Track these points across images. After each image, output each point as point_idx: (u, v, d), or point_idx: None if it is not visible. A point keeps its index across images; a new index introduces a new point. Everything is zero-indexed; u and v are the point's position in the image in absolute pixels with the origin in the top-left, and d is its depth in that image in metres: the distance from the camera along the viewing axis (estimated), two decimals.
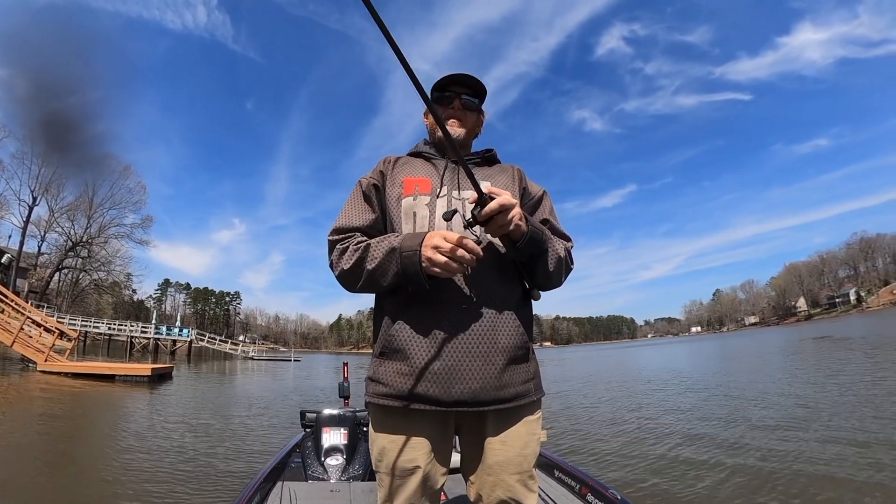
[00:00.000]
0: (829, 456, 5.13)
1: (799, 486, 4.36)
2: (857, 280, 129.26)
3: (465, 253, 1.15)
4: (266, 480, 2.72)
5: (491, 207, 1.14)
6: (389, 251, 1.22)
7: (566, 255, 1.40)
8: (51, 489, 4.69)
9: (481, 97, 1.52)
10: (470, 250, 1.16)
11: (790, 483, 4.44)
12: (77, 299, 53.85)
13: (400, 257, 1.20)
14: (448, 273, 1.17)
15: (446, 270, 1.16)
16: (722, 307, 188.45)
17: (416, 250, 1.18)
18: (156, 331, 46.20)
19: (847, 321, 73.34)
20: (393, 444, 1.26)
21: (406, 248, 1.20)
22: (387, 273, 1.23)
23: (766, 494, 4.23)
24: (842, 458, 5.04)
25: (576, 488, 2.57)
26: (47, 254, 50.08)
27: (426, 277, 1.19)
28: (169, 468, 5.48)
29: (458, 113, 1.47)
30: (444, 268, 1.15)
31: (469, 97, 1.48)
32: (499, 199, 1.15)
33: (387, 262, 1.23)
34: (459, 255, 1.15)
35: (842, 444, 5.53)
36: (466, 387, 1.20)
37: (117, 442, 7.15)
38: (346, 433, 3.40)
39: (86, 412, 10.68)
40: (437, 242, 1.16)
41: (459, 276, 1.25)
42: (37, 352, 18.80)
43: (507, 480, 1.26)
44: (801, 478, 4.55)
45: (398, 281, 1.23)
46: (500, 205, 1.14)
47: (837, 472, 4.63)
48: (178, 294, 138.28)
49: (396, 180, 1.41)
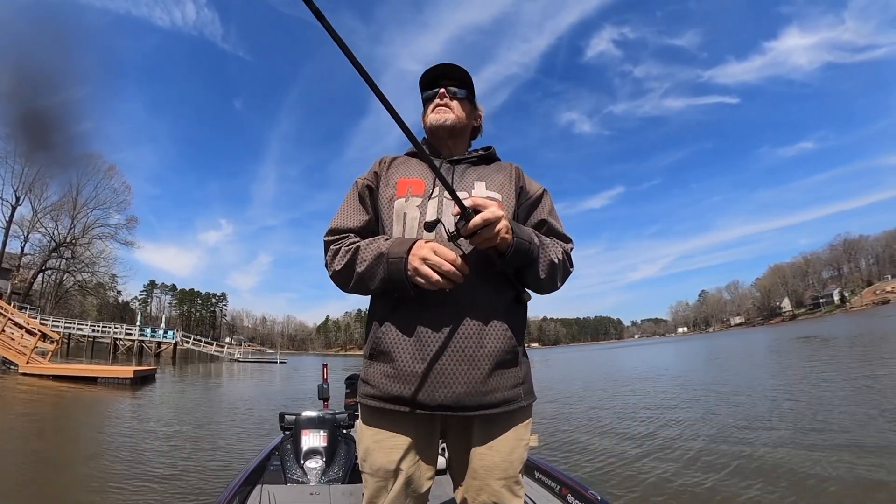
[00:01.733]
0: (817, 452, 5.18)
1: (780, 481, 4.41)
2: (841, 281, 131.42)
3: (453, 269, 1.14)
4: (245, 484, 2.68)
5: (474, 223, 1.11)
6: (377, 256, 1.22)
7: (564, 259, 1.37)
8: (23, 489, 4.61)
9: (468, 87, 1.48)
10: (459, 268, 1.14)
11: (773, 479, 4.49)
12: (61, 301, 53.14)
13: (387, 263, 1.19)
14: (432, 286, 1.15)
15: (430, 283, 1.15)
16: (708, 308, 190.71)
17: (403, 258, 1.17)
18: (140, 333, 45.64)
19: (831, 321, 74.45)
20: (377, 444, 1.26)
21: (393, 254, 1.19)
22: (374, 277, 1.23)
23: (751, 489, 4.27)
24: (826, 449, 5.11)
25: (556, 489, 2.56)
26: (31, 254, 49.39)
27: (411, 286, 1.18)
28: (146, 471, 5.41)
29: (443, 100, 1.44)
30: (429, 280, 1.14)
31: (455, 87, 1.46)
32: (482, 215, 1.12)
33: (374, 267, 1.22)
34: (447, 271, 1.13)
35: (827, 435, 5.63)
36: (450, 391, 1.19)
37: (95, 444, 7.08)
38: (325, 436, 3.35)
39: (65, 414, 10.59)
40: (426, 255, 1.15)
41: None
42: (18, 354, 18.57)
43: (493, 485, 1.25)
44: (783, 473, 4.60)
45: (385, 286, 1.23)
46: (484, 220, 1.12)
47: (825, 465, 4.69)
48: (163, 295, 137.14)
49: (390, 181, 1.40)
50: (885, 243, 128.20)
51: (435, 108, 1.44)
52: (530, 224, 1.42)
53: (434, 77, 1.46)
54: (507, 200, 1.38)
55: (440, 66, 1.44)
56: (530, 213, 1.44)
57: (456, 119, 1.44)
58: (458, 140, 1.49)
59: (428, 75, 1.45)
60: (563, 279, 1.41)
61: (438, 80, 1.46)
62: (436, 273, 1.14)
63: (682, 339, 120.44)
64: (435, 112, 1.44)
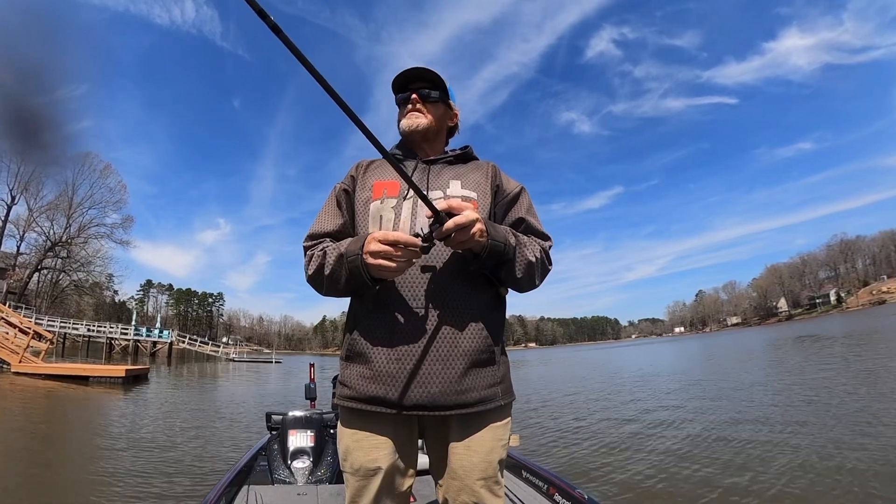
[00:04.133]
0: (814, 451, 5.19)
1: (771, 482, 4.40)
2: (837, 281, 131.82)
3: (399, 253, 1.14)
4: (231, 484, 2.68)
5: (447, 228, 1.12)
6: (338, 257, 1.24)
7: (542, 256, 1.37)
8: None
9: (441, 89, 1.47)
10: (406, 244, 1.14)
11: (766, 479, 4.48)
12: (57, 300, 52.95)
13: (346, 263, 1.21)
14: (392, 273, 1.16)
15: (388, 270, 1.15)
16: (704, 308, 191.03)
17: (359, 254, 1.18)
18: (136, 332, 45.57)
19: (828, 321, 74.74)
20: (356, 444, 1.27)
21: (350, 252, 1.21)
22: (340, 278, 1.25)
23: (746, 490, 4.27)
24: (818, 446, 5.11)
25: (543, 489, 2.57)
26: (26, 254, 49.17)
27: (371, 281, 1.19)
28: (131, 471, 5.37)
29: (416, 105, 1.44)
30: (388, 269, 1.15)
31: (428, 90, 1.45)
32: (455, 220, 1.12)
33: (338, 268, 1.24)
34: (397, 256, 1.13)
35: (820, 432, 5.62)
36: (425, 391, 1.20)
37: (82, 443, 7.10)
38: (312, 435, 3.36)
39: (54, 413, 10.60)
40: (374, 248, 1.15)
41: (422, 281, 1.25)
42: (11, 353, 18.59)
43: (473, 486, 1.26)
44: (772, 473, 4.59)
45: (351, 286, 1.25)
46: (457, 224, 1.12)
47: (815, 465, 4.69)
48: (160, 295, 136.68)
49: (367, 184, 1.42)
50: (882, 244, 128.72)
51: (407, 112, 1.45)
52: (508, 222, 1.42)
53: (405, 81, 1.46)
54: (482, 199, 1.39)
55: (411, 69, 1.44)
56: (508, 211, 1.44)
57: (428, 123, 1.45)
58: (433, 142, 1.50)
59: (399, 79, 1.46)
60: (542, 277, 1.40)
61: (410, 84, 1.46)
62: (388, 261, 1.14)
63: (678, 339, 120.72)
64: (407, 117, 1.45)
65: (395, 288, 1.25)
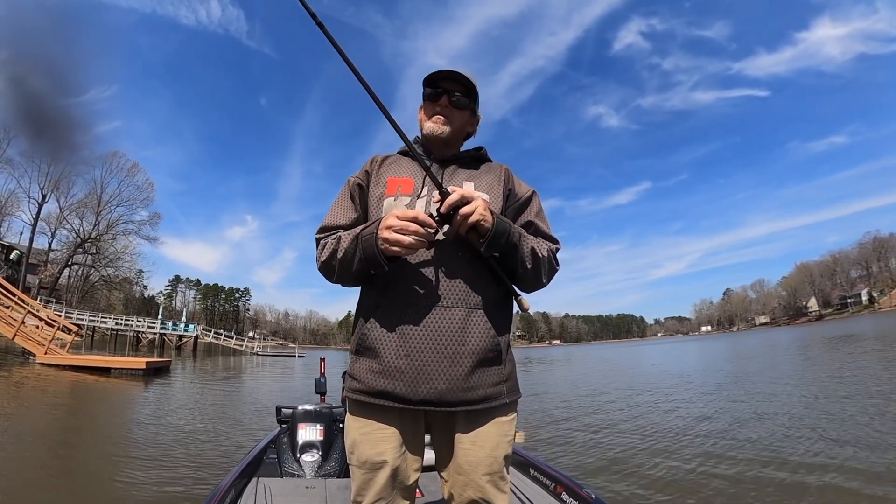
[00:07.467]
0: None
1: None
2: (870, 280, 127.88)
3: (416, 226, 1.17)
4: (240, 476, 2.69)
5: (451, 199, 1.18)
6: (354, 239, 1.28)
7: (549, 255, 1.40)
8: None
9: (472, 97, 1.48)
10: (422, 222, 1.18)
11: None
12: (87, 295, 54.51)
13: (361, 242, 1.25)
14: (405, 249, 1.19)
15: (401, 246, 1.18)
16: (732, 307, 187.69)
17: (374, 233, 1.22)
18: (162, 326, 46.56)
19: (860, 321, 72.57)
20: (363, 437, 1.29)
21: (366, 232, 1.25)
22: (353, 259, 1.28)
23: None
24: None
25: (550, 487, 2.57)
26: (57, 250, 50.89)
27: (384, 259, 1.22)
28: (141, 461, 5.39)
29: (445, 110, 1.45)
30: (401, 244, 1.17)
31: (459, 95, 1.45)
32: (459, 191, 1.20)
33: (352, 249, 1.28)
34: (413, 231, 1.17)
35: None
36: (433, 387, 1.23)
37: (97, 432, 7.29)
38: (321, 429, 3.37)
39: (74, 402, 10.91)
40: (390, 222, 1.19)
41: (431, 278, 1.28)
42: (37, 345, 19.08)
43: (478, 481, 1.28)
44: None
45: (363, 266, 1.27)
46: (461, 195, 1.19)
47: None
48: (188, 290, 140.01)
49: (381, 180, 1.45)
50: None
51: (433, 116, 1.46)
52: (518, 225, 1.43)
53: (440, 79, 1.45)
54: (494, 201, 1.41)
55: (449, 71, 1.43)
56: (518, 215, 1.48)
57: (452, 132, 1.46)
58: (451, 147, 1.52)
59: (434, 76, 1.45)
60: (549, 276, 1.43)
61: (444, 82, 1.45)
62: (404, 236, 1.17)
63: (704, 338, 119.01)
64: (433, 121, 1.45)
65: (405, 284, 1.28)
